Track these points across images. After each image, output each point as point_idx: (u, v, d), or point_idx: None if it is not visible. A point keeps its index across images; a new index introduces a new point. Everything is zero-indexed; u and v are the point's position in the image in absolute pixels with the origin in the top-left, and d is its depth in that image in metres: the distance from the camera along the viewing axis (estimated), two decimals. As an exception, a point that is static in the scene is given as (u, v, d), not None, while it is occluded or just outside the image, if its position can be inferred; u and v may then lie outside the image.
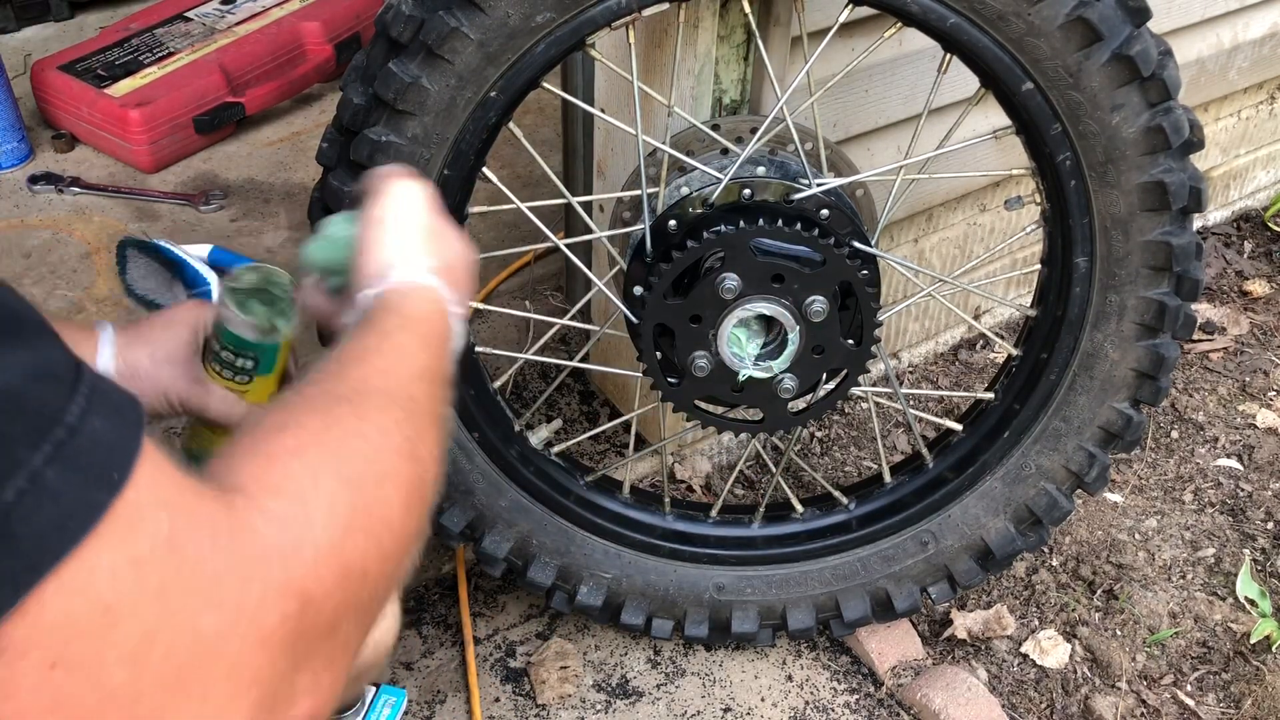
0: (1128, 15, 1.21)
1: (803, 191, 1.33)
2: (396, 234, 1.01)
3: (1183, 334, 1.40)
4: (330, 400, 0.76)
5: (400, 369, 0.84)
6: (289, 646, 0.59)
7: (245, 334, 1.22)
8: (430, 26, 1.17)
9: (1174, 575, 1.77)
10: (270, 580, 0.59)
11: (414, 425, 0.78)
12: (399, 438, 0.75)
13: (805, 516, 1.58)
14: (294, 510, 0.63)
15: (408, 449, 0.76)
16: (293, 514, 0.62)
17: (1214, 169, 2.38)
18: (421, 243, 1.01)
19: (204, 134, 2.49)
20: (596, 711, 1.58)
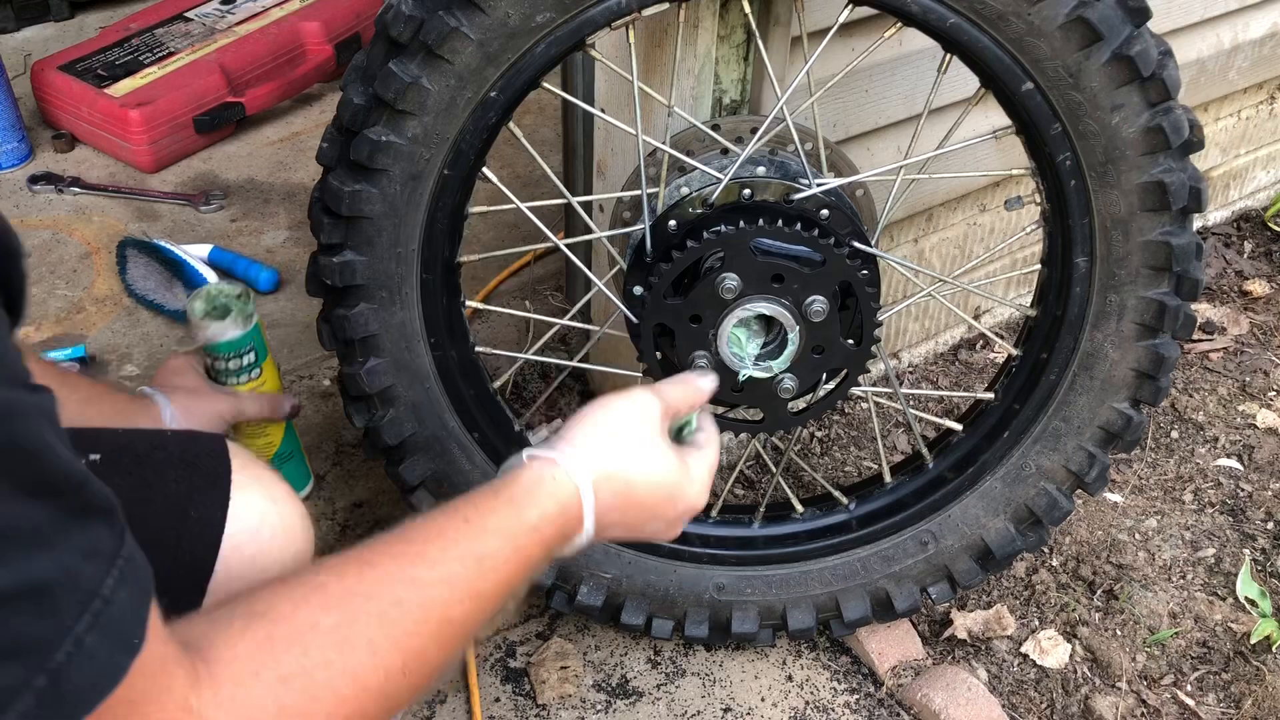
0: (1128, 15, 1.21)
1: (803, 191, 1.33)
2: (602, 426, 1.00)
3: (1183, 334, 1.40)
4: (324, 603, 0.79)
5: (451, 580, 0.84)
6: None
7: (234, 334, 1.50)
8: (430, 27, 1.17)
9: (1174, 575, 1.77)
10: None
11: (408, 650, 0.80)
12: (376, 668, 0.78)
13: (805, 516, 1.58)
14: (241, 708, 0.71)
15: (378, 680, 0.78)
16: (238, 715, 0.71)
17: (1214, 169, 2.38)
18: (616, 452, 0.98)
19: (204, 134, 2.49)
20: (596, 711, 1.58)
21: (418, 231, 1.29)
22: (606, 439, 0.99)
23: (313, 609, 0.77)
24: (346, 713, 0.76)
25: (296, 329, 2.07)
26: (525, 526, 0.90)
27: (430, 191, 1.27)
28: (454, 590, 0.83)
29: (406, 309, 1.33)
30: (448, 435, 1.41)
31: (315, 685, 0.74)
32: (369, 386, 1.35)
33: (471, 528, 0.87)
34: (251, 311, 1.52)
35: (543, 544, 0.91)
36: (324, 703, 0.75)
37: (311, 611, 0.77)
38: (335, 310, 1.33)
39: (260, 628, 0.74)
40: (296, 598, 0.78)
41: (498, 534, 0.88)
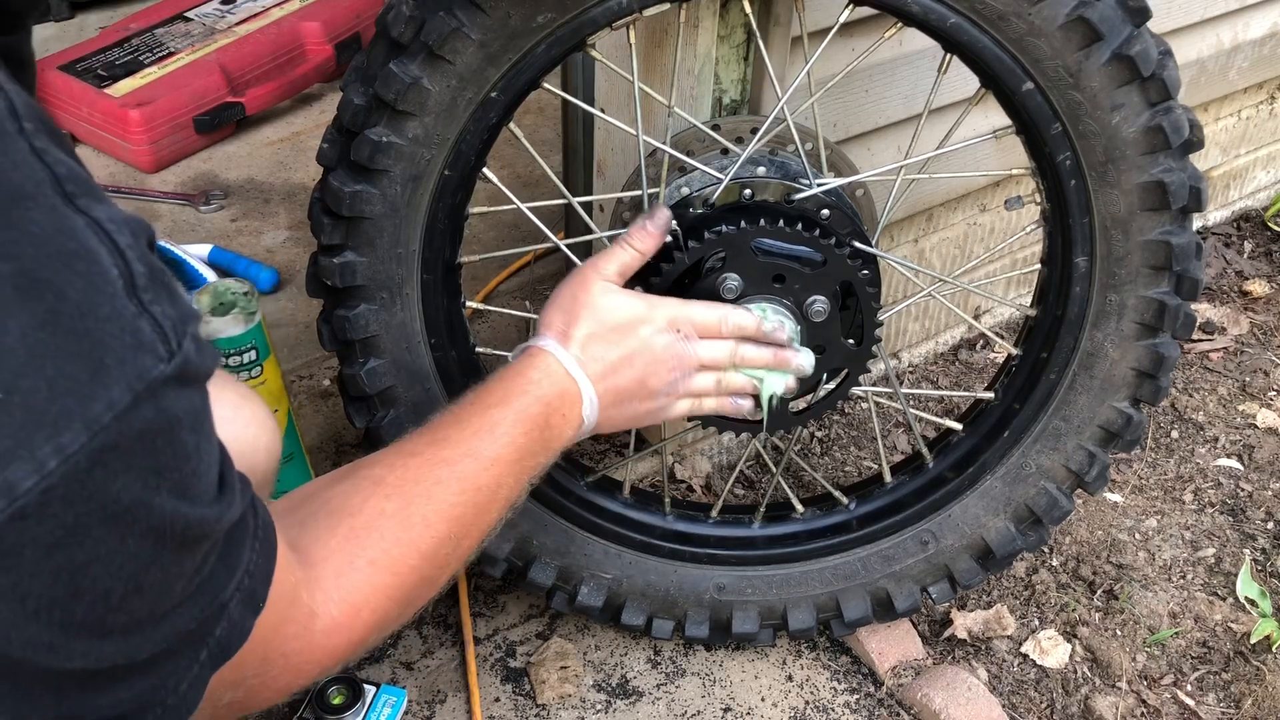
0: (1128, 15, 1.21)
1: (803, 191, 1.33)
2: (560, 298, 1.16)
3: (1183, 334, 1.40)
4: (385, 493, 0.95)
5: (473, 454, 1.01)
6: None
7: (235, 330, 1.50)
8: (431, 27, 1.17)
9: (1174, 575, 1.77)
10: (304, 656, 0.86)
11: (451, 518, 0.97)
12: (432, 537, 0.95)
13: (805, 516, 1.58)
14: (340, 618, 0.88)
15: (434, 546, 0.95)
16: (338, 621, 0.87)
17: (1214, 169, 2.38)
18: (575, 313, 1.15)
19: (204, 134, 2.49)
20: (596, 711, 1.58)
21: (418, 232, 1.29)
22: (569, 314, 1.15)
23: (378, 499, 0.93)
24: (416, 579, 0.93)
25: (296, 329, 2.07)
26: (518, 392, 1.07)
27: (431, 192, 1.27)
28: (478, 460, 1.00)
29: (407, 309, 1.33)
30: (448, 435, 1.41)
31: (393, 561, 0.91)
32: (369, 387, 1.35)
33: (478, 406, 1.05)
34: (255, 310, 1.53)
35: (542, 405, 1.07)
36: (401, 574, 0.91)
37: (377, 501, 0.93)
38: (335, 311, 1.33)
39: (343, 522, 0.90)
40: (364, 491, 0.94)
41: (498, 405, 1.05)
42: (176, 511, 0.65)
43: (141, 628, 0.68)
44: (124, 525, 0.62)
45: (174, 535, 0.66)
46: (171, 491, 0.65)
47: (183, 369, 0.64)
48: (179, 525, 0.66)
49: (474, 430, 1.02)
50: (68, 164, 0.64)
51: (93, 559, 0.62)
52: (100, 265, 0.62)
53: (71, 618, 0.63)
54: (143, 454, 0.62)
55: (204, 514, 0.68)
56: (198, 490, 0.67)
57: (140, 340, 0.63)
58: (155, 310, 0.63)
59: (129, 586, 0.64)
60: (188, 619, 0.71)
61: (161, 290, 0.65)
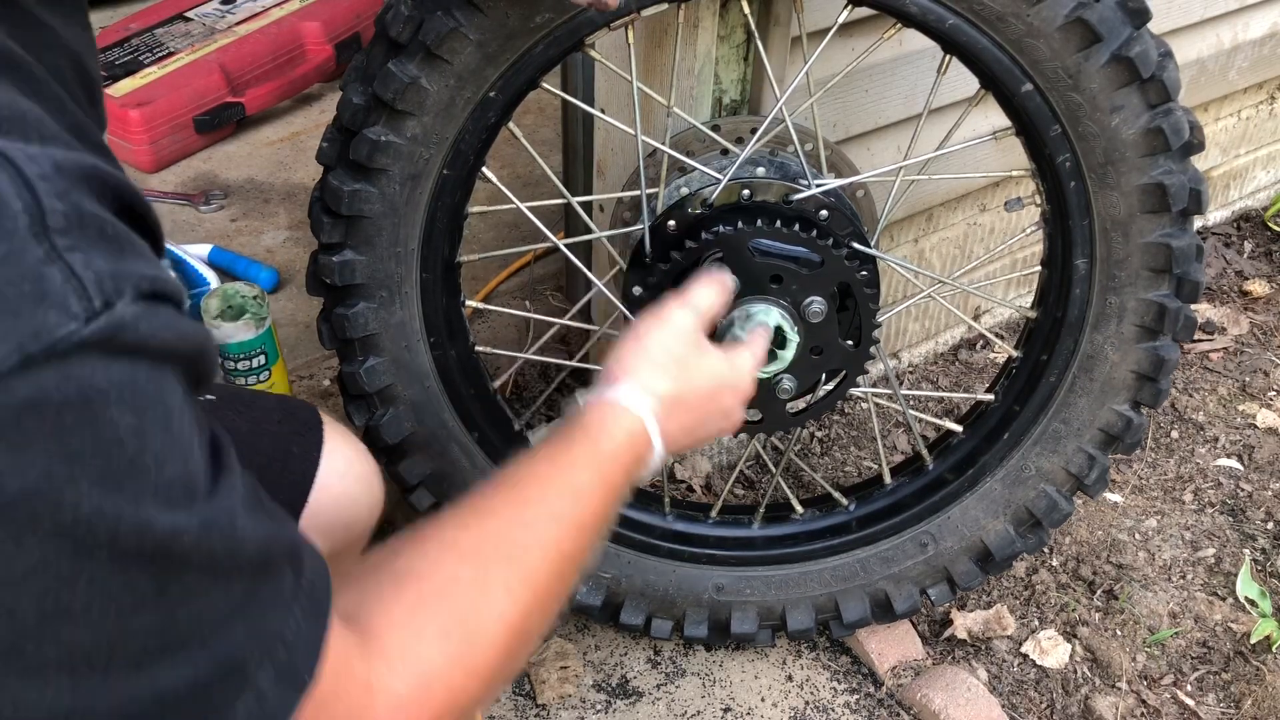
0: (1127, 16, 1.21)
1: (802, 192, 1.33)
2: (645, 353, 1.05)
3: (1183, 336, 1.40)
4: (459, 556, 0.84)
5: (557, 516, 0.91)
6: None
7: (247, 335, 1.36)
8: (429, 27, 1.17)
9: (1174, 575, 1.77)
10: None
11: (535, 586, 0.86)
12: (516, 607, 0.84)
13: (805, 517, 1.58)
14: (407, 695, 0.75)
15: (518, 617, 0.83)
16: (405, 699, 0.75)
17: (1214, 169, 2.38)
18: (663, 373, 1.04)
19: (204, 134, 2.49)
20: (596, 711, 1.58)
21: (417, 231, 1.29)
22: (653, 367, 1.04)
23: (450, 563, 0.82)
24: (498, 652, 0.81)
25: (296, 329, 2.07)
26: (605, 457, 0.96)
27: (430, 191, 1.27)
28: (561, 525, 0.90)
29: (406, 308, 1.33)
30: (447, 434, 1.41)
31: (470, 632, 0.79)
32: (368, 385, 1.35)
33: (559, 465, 0.94)
34: (265, 314, 1.52)
35: (623, 470, 0.98)
36: (481, 647, 0.80)
37: (450, 566, 0.82)
38: (335, 309, 1.33)
39: (410, 588, 0.79)
40: (431, 555, 0.82)
41: (584, 467, 0.95)
42: (106, 510, 0.54)
43: (83, 670, 0.56)
44: (18, 521, 0.52)
45: (111, 541, 0.54)
46: (97, 483, 0.54)
47: (112, 334, 0.53)
48: (113, 528, 0.54)
49: (557, 492, 0.92)
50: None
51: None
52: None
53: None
54: (42, 430, 0.52)
55: (170, 520, 0.57)
56: (148, 486, 0.56)
57: (44, 290, 0.52)
58: (73, 259, 0.53)
59: (46, 606, 0.54)
60: (174, 679, 0.59)
61: (93, 240, 0.54)
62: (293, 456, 1.09)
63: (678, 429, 1.05)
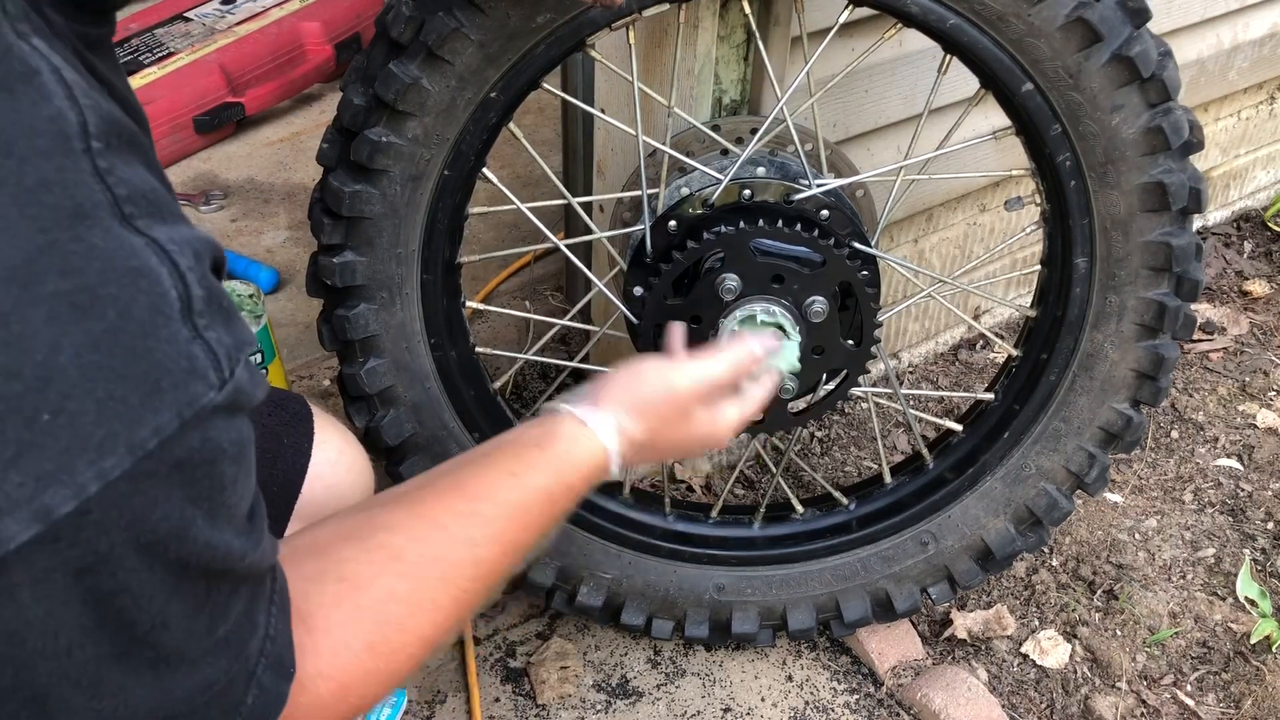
0: (1127, 16, 1.21)
1: (803, 192, 1.33)
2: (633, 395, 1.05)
3: (1183, 335, 1.40)
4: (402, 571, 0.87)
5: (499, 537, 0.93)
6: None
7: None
8: (431, 27, 1.17)
9: (1174, 575, 1.77)
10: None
11: (460, 602, 0.90)
12: (437, 623, 0.88)
13: (805, 517, 1.58)
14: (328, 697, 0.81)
15: (436, 633, 0.88)
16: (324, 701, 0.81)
17: (1214, 169, 2.38)
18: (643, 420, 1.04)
19: (204, 134, 2.49)
20: (596, 711, 1.58)
21: (418, 232, 1.29)
22: (636, 412, 1.04)
23: (391, 577, 0.86)
24: (412, 664, 0.87)
25: (296, 329, 2.07)
26: (563, 486, 0.98)
27: (430, 192, 1.27)
28: (502, 547, 0.92)
29: (406, 309, 1.33)
30: (448, 435, 1.41)
31: (392, 648, 0.85)
32: (369, 387, 1.35)
33: (518, 484, 0.95)
34: (261, 313, 1.53)
35: (574, 497, 1.00)
36: (397, 660, 0.85)
37: (390, 580, 0.86)
38: (335, 311, 1.33)
39: (349, 597, 0.83)
40: (377, 563, 0.86)
41: (540, 492, 0.96)
42: (207, 542, 0.64)
43: (171, 668, 0.66)
44: (155, 554, 0.61)
45: (201, 566, 0.64)
46: (206, 521, 0.63)
47: (233, 398, 0.62)
48: (206, 556, 0.64)
49: (509, 511, 0.94)
50: (133, 184, 0.62)
51: (122, 588, 0.60)
52: (161, 286, 0.60)
53: (100, 649, 0.61)
54: (183, 483, 0.61)
55: (231, 544, 0.66)
56: (229, 520, 0.65)
57: (194, 366, 0.61)
58: (210, 336, 0.62)
59: (157, 620, 0.63)
60: (217, 671, 0.68)
61: (218, 315, 0.63)
62: (285, 448, 1.12)
63: (636, 460, 1.07)
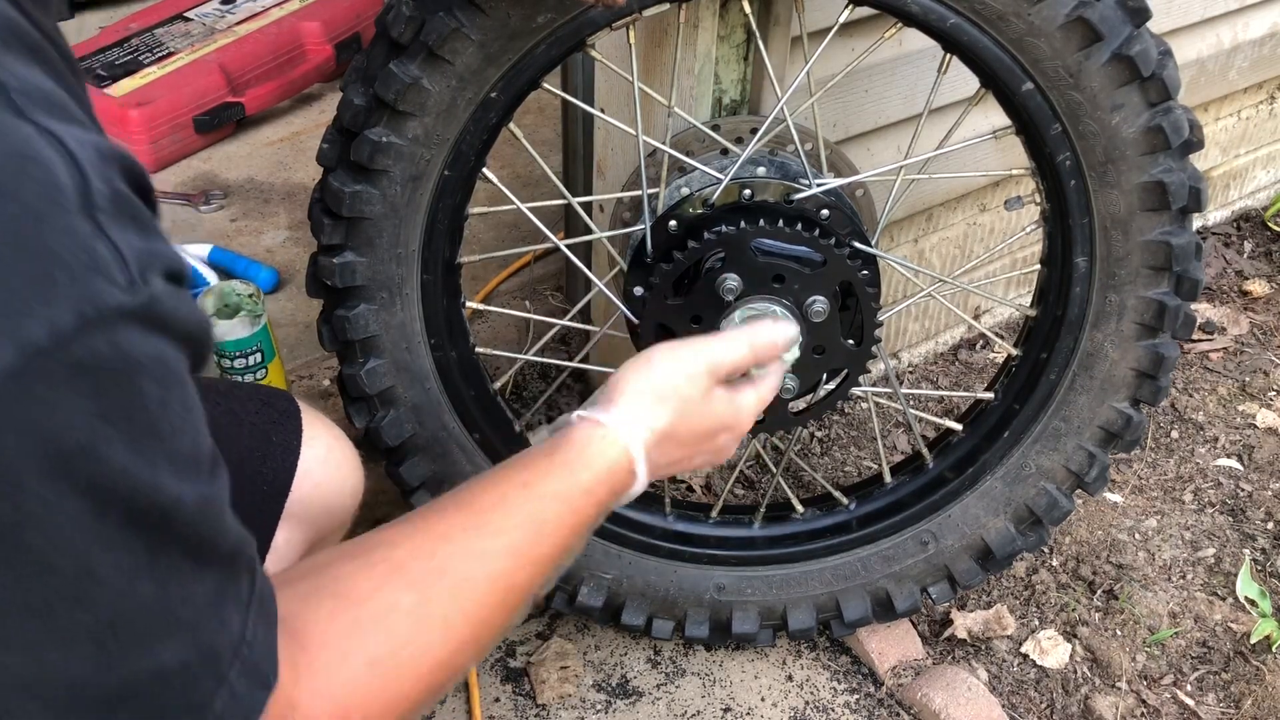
0: (1128, 15, 1.21)
1: (803, 192, 1.33)
2: (649, 381, 1.00)
3: (1183, 334, 1.40)
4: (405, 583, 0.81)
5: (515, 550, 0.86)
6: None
7: (242, 333, 1.38)
8: (431, 27, 1.17)
9: (1174, 575, 1.77)
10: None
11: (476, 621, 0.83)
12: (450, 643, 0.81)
13: (805, 517, 1.58)
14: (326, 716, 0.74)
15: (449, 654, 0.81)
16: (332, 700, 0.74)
17: (1214, 169, 2.38)
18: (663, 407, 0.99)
19: (204, 134, 2.49)
20: (596, 711, 1.58)
21: (418, 232, 1.29)
22: (655, 399, 0.99)
23: (393, 589, 0.79)
24: (424, 687, 0.79)
25: (296, 329, 2.07)
26: (580, 490, 0.92)
27: (431, 192, 1.27)
28: (517, 559, 0.85)
29: (407, 310, 1.33)
30: (448, 436, 1.41)
31: (398, 665, 0.77)
32: (369, 387, 1.35)
33: (531, 493, 0.89)
34: (261, 312, 1.53)
35: (597, 504, 0.94)
36: (405, 681, 0.78)
37: (392, 592, 0.79)
38: (335, 311, 1.33)
39: (346, 611, 0.77)
40: (377, 576, 0.79)
41: (555, 499, 0.90)
42: (126, 469, 0.56)
43: (112, 642, 0.58)
44: (62, 473, 0.53)
45: (128, 504, 0.56)
46: (127, 445, 0.56)
47: (149, 309, 0.56)
48: (129, 487, 0.56)
49: (520, 521, 0.87)
50: (27, 80, 0.57)
51: (28, 519, 0.53)
52: (54, 175, 0.54)
53: (10, 597, 0.54)
54: (89, 392, 0.54)
55: (164, 483, 0.58)
56: (161, 453, 0.58)
57: (95, 262, 0.54)
58: (116, 235, 0.56)
59: (80, 568, 0.55)
60: (172, 658, 0.61)
61: (128, 221, 0.57)
62: (273, 445, 1.09)
63: (665, 462, 1.01)
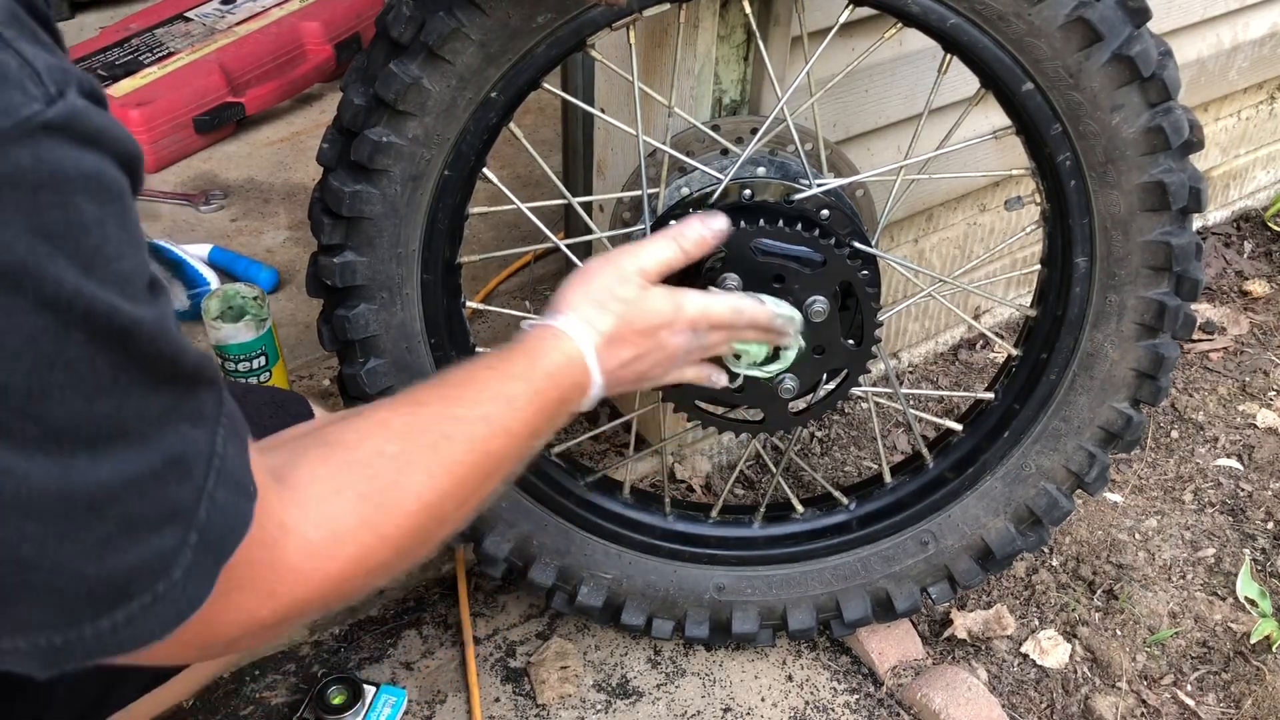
0: (1128, 15, 1.21)
1: (803, 192, 1.33)
2: (588, 290, 1.11)
3: (1183, 334, 1.40)
4: (388, 435, 0.88)
5: (486, 418, 0.95)
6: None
7: (248, 336, 1.37)
8: (431, 27, 1.17)
9: (1174, 575, 1.77)
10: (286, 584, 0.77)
11: (455, 474, 0.90)
12: (433, 488, 0.88)
13: (805, 516, 1.58)
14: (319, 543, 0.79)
15: (434, 498, 0.88)
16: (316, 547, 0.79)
17: (1214, 169, 2.38)
18: (604, 310, 1.09)
19: (204, 134, 2.49)
20: (596, 711, 1.58)
21: (418, 232, 1.29)
22: (595, 304, 1.10)
23: (378, 440, 0.87)
24: (410, 525, 0.85)
25: (296, 329, 2.07)
26: (542, 374, 1.02)
27: (431, 192, 1.27)
28: (490, 426, 0.94)
29: (407, 309, 1.33)
30: (448, 435, 1.41)
31: (387, 500, 0.84)
32: (369, 387, 1.35)
33: (498, 374, 1.00)
34: (266, 315, 1.53)
35: (557, 389, 1.03)
36: (394, 515, 0.84)
37: (377, 442, 0.86)
38: (335, 311, 1.33)
39: (336, 454, 0.83)
40: (362, 430, 0.87)
41: (519, 379, 1.00)
42: (84, 289, 0.55)
43: (72, 448, 0.58)
44: (14, 291, 0.53)
45: (86, 319, 0.56)
46: (72, 263, 0.55)
47: (70, 120, 0.55)
48: (89, 307, 0.56)
49: (491, 396, 0.97)
50: None
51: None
52: None
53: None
54: (21, 208, 0.53)
55: (118, 305, 0.57)
56: (110, 274, 0.57)
57: (4, 74, 0.53)
58: (24, 49, 0.54)
59: (33, 383, 0.55)
60: (140, 465, 0.62)
61: (31, 38, 0.56)
62: None
63: (618, 365, 1.10)
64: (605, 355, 1.08)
